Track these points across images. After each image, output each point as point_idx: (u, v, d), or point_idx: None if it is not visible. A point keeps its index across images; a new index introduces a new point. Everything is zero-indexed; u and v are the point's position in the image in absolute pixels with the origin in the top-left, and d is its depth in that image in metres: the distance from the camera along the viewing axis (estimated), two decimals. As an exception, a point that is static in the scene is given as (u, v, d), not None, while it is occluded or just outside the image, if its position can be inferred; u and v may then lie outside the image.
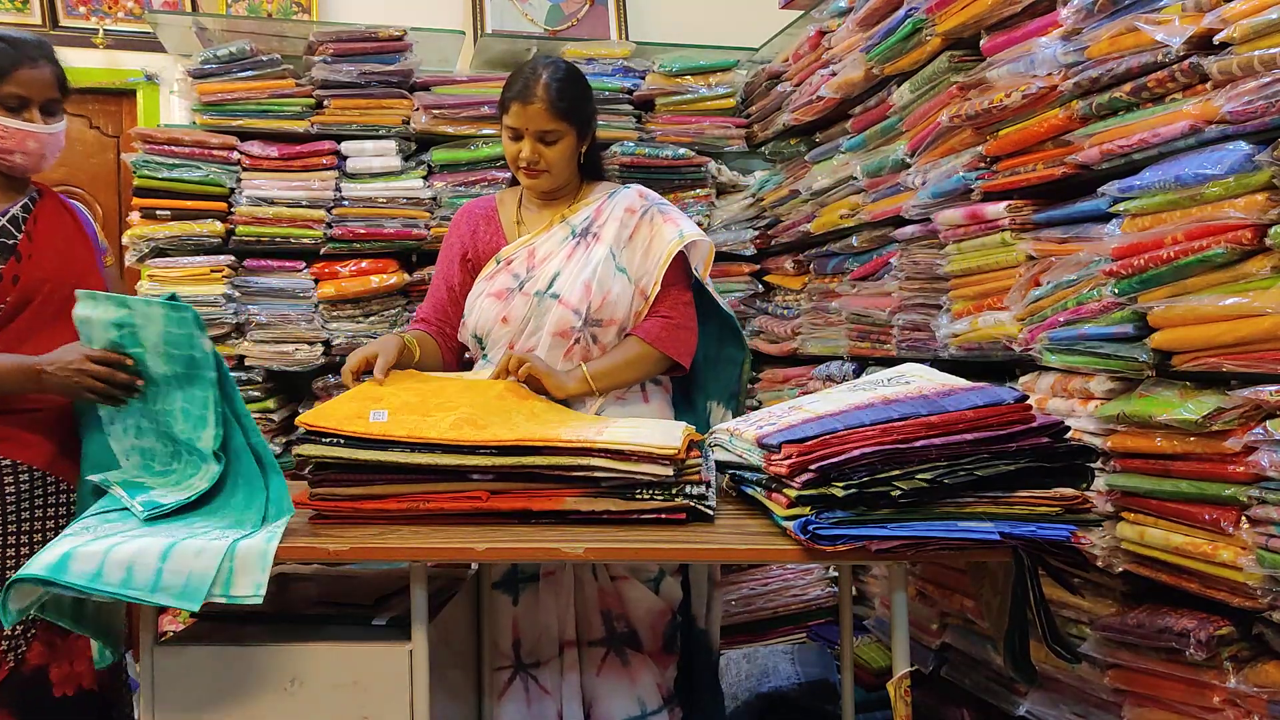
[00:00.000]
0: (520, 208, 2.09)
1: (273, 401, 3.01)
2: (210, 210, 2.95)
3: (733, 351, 2.10)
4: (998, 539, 1.32)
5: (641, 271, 1.96)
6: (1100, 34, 1.71)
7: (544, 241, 1.99)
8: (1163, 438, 1.61)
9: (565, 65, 1.96)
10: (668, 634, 1.88)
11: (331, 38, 3.03)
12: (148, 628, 1.48)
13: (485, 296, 1.99)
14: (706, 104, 3.33)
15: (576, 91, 1.95)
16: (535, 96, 1.89)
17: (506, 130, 1.95)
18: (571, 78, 1.95)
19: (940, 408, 1.39)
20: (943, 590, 2.29)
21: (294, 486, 1.57)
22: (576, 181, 2.06)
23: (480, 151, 3.11)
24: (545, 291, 1.93)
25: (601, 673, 1.85)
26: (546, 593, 1.86)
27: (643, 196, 2.02)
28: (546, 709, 1.84)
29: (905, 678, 1.39)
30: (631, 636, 1.87)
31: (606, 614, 1.87)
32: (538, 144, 1.92)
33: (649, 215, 1.99)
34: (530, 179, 1.97)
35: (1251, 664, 1.52)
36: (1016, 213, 2.01)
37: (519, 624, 1.87)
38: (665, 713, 1.86)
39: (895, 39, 2.36)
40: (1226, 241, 1.46)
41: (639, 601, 1.86)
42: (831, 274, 2.91)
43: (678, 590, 1.91)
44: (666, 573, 1.89)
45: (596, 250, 1.95)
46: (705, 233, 2.30)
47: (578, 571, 1.87)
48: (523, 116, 1.90)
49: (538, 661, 1.86)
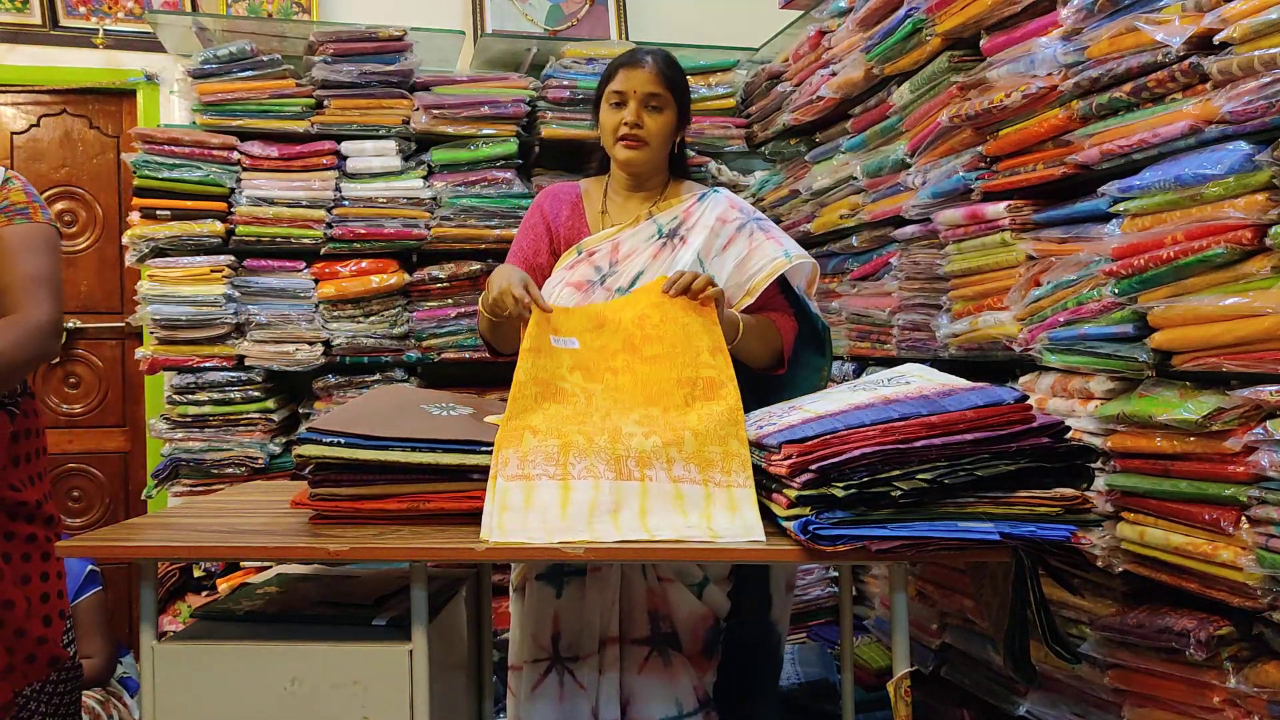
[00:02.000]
0: (605, 198, 2.04)
1: (273, 401, 3.01)
2: (210, 210, 2.95)
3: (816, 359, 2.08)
4: (998, 539, 1.32)
5: (731, 284, 1.90)
6: (1100, 34, 1.72)
7: (629, 237, 1.94)
8: (1163, 438, 1.61)
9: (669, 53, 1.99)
10: (708, 639, 1.87)
11: (331, 38, 3.03)
12: (148, 628, 1.48)
13: (564, 285, 1.92)
14: (706, 104, 3.33)
15: (681, 72, 1.97)
16: (645, 63, 1.90)
17: (610, 98, 1.92)
18: (676, 61, 1.98)
19: (940, 408, 1.38)
20: (943, 590, 2.29)
21: (294, 487, 1.57)
22: (665, 174, 2.02)
23: (480, 151, 3.11)
24: (627, 290, 1.88)
25: (643, 671, 1.83)
26: (592, 588, 1.83)
27: (736, 207, 1.97)
28: (580, 705, 1.81)
29: (905, 678, 1.39)
30: (674, 638, 1.85)
31: (654, 614, 1.85)
32: (642, 109, 1.90)
33: (747, 229, 1.94)
34: (630, 149, 1.91)
35: (1251, 664, 1.52)
36: (1016, 213, 2.01)
37: (560, 617, 1.84)
38: (701, 715, 1.85)
39: (895, 39, 2.36)
40: (1226, 241, 1.46)
41: (681, 605, 1.85)
42: (831, 274, 2.91)
43: (723, 599, 1.88)
44: (711, 580, 1.87)
45: (683, 254, 1.90)
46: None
47: (626, 570, 1.85)
48: (631, 79, 1.90)
49: (576, 656, 1.83)
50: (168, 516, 1.70)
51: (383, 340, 3.06)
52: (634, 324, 1.74)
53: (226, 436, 2.96)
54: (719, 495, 1.50)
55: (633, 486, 1.51)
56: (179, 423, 2.94)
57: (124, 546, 1.48)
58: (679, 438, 1.56)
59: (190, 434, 2.94)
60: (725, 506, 1.48)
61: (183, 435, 2.94)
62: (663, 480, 1.51)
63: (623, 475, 1.51)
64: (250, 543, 1.49)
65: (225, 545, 1.51)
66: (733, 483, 1.51)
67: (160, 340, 2.95)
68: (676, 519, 1.46)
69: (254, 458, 2.94)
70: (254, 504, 1.78)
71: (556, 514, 1.46)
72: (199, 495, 2.80)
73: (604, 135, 1.96)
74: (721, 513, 1.47)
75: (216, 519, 1.63)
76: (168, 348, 2.95)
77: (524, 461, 1.52)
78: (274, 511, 1.69)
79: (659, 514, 1.47)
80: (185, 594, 2.98)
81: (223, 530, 1.55)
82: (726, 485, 1.51)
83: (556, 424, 1.59)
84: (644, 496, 1.50)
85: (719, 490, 1.51)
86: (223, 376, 2.96)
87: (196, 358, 2.95)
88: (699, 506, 1.48)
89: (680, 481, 1.52)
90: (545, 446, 1.54)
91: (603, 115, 1.95)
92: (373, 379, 3.06)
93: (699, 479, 1.52)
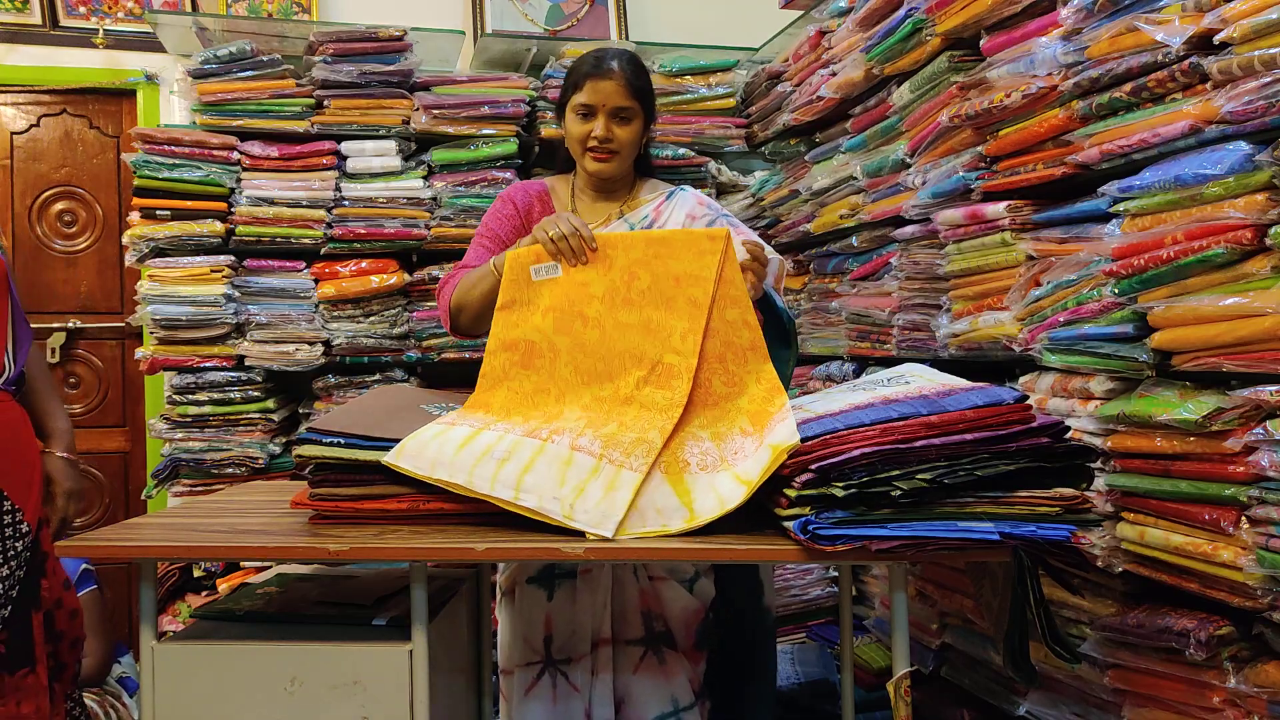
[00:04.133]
0: (574, 197, 2.03)
1: (273, 401, 3.01)
2: (210, 210, 2.95)
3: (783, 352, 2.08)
4: (998, 539, 1.31)
5: None
6: (1100, 34, 1.71)
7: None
8: (1163, 438, 1.61)
9: (633, 53, 1.96)
10: (700, 632, 1.88)
11: (331, 38, 3.03)
12: (148, 628, 1.48)
13: None
14: (706, 104, 3.33)
15: (647, 76, 1.95)
16: (612, 73, 1.87)
17: (576, 110, 1.91)
18: (641, 63, 1.96)
19: (940, 408, 1.38)
20: (943, 590, 2.29)
21: (294, 486, 1.57)
22: (632, 175, 2.03)
23: (480, 151, 3.11)
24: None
25: (639, 671, 1.84)
26: (584, 590, 1.84)
27: (704, 204, 1.98)
28: (573, 707, 1.82)
29: (905, 678, 1.39)
30: (668, 636, 1.86)
31: (647, 614, 1.86)
32: (611, 122, 1.89)
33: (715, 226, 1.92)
34: (599, 161, 1.91)
35: (1251, 664, 1.52)
36: (1016, 213, 2.01)
37: (553, 619, 1.84)
38: (696, 708, 1.86)
39: (895, 39, 2.36)
40: (1226, 241, 1.46)
41: (675, 601, 1.86)
42: (831, 274, 2.91)
43: (710, 589, 1.91)
44: (701, 573, 1.88)
45: None
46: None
47: (617, 571, 1.85)
48: (598, 93, 1.87)
49: (569, 658, 1.84)
50: (168, 516, 1.70)
51: (383, 340, 3.06)
52: (623, 274, 1.71)
53: (226, 436, 2.96)
54: (606, 471, 1.50)
55: (531, 443, 1.53)
56: (179, 423, 2.94)
57: (124, 546, 1.48)
58: (605, 424, 1.58)
59: (190, 434, 2.94)
60: (605, 484, 1.48)
61: (183, 435, 2.94)
62: (562, 446, 1.53)
63: (529, 434, 1.56)
64: (250, 543, 1.49)
65: (225, 545, 1.51)
66: (627, 464, 1.51)
67: (160, 340, 2.95)
68: (549, 484, 1.48)
69: (254, 458, 2.94)
70: (254, 504, 1.78)
71: (453, 449, 1.50)
72: (199, 495, 2.80)
73: (571, 143, 1.95)
74: (597, 488, 1.48)
75: (216, 519, 1.63)
76: (168, 348, 2.95)
77: (460, 417, 1.60)
78: (274, 511, 1.69)
79: (538, 473, 1.49)
80: (185, 594, 2.98)
81: (223, 530, 1.55)
82: (619, 464, 1.51)
83: (513, 404, 1.65)
84: (536, 454, 1.52)
85: (609, 466, 1.51)
86: (223, 376, 2.96)
87: (196, 358, 2.95)
88: (579, 477, 1.49)
89: (577, 450, 1.53)
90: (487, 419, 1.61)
91: (569, 123, 1.93)
92: (373, 379, 3.06)
93: (597, 452, 1.53)
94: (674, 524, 1.45)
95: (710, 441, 1.57)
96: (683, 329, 1.66)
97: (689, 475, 1.52)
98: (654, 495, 1.48)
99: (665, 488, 1.50)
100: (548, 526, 1.46)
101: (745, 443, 1.56)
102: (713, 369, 1.65)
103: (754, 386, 1.64)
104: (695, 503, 1.47)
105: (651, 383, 1.64)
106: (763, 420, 1.57)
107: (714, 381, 1.65)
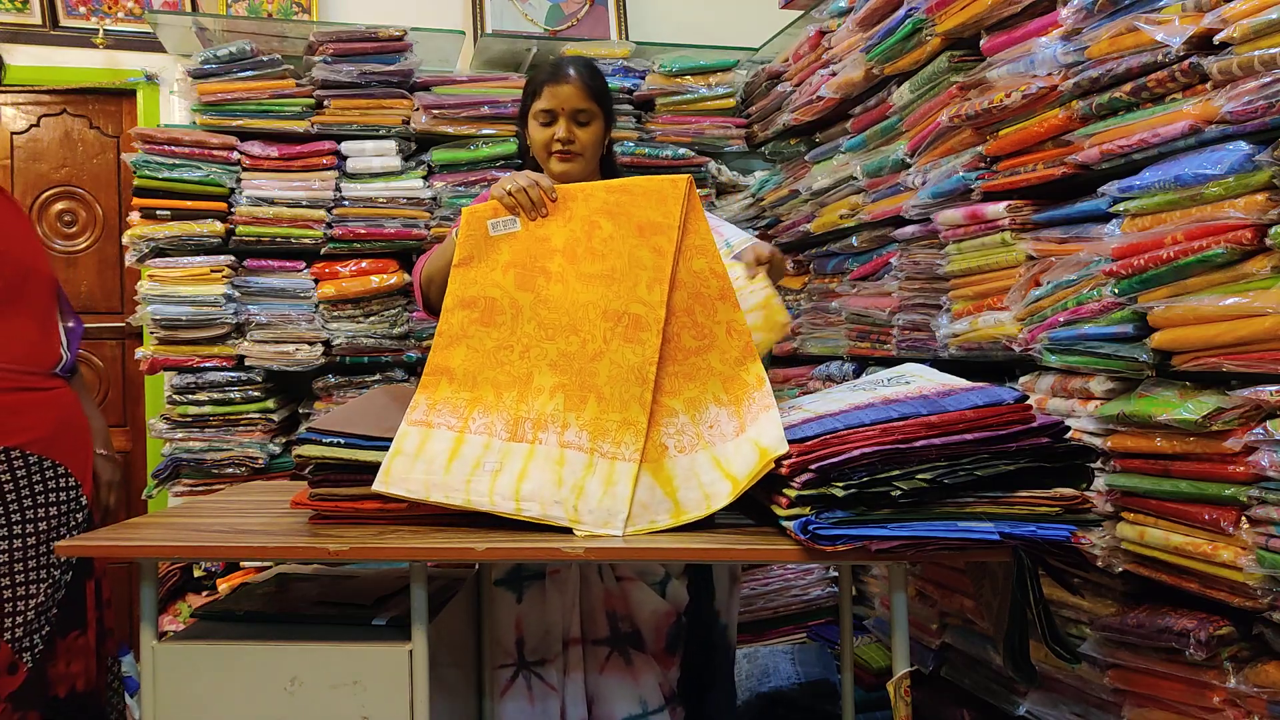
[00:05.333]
0: None
1: (273, 401, 3.01)
2: (210, 210, 2.95)
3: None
4: (998, 539, 1.32)
5: None
6: (1100, 34, 1.71)
7: None
8: (1162, 438, 1.61)
9: (589, 59, 2.01)
10: (671, 635, 1.88)
11: (331, 38, 3.03)
12: (148, 627, 1.48)
13: None
14: (706, 104, 3.33)
15: (603, 79, 2.00)
16: (569, 77, 1.93)
17: (537, 116, 1.95)
18: (597, 68, 2.01)
19: (940, 408, 1.38)
20: (943, 590, 2.29)
21: (294, 486, 1.57)
22: (598, 177, 2.04)
23: (480, 151, 3.11)
24: None
25: (605, 671, 1.86)
26: (552, 590, 1.86)
27: None
28: (550, 706, 1.84)
29: (905, 678, 1.39)
30: (635, 637, 1.87)
31: (612, 614, 1.87)
32: (572, 124, 1.93)
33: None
34: (564, 162, 1.94)
35: (1251, 664, 1.52)
36: (1016, 213, 2.01)
37: (523, 621, 1.86)
38: (667, 711, 1.86)
39: (895, 39, 2.36)
40: (1226, 241, 1.46)
41: (644, 604, 1.86)
42: (831, 274, 2.91)
43: (684, 593, 1.91)
44: (673, 575, 1.88)
45: None
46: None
47: (584, 571, 1.86)
48: (557, 97, 1.92)
49: (542, 659, 1.86)
50: (168, 516, 1.71)
51: (383, 340, 3.06)
52: (583, 224, 1.69)
53: (227, 436, 2.96)
54: (600, 466, 1.50)
55: (520, 449, 1.52)
56: (179, 423, 2.94)
57: (124, 546, 1.48)
58: (583, 399, 1.56)
59: (190, 434, 2.94)
60: (602, 480, 1.48)
61: (183, 435, 2.94)
62: (551, 445, 1.52)
63: (515, 437, 1.54)
64: (250, 543, 1.49)
65: (225, 545, 1.51)
66: (619, 455, 1.51)
67: (160, 340, 2.95)
68: (548, 489, 1.48)
69: (254, 458, 2.94)
70: (254, 504, 1.78)
71: (441, 466, 1.50)
72: (199, 495, 2.80)
73: (535, 149, 1.98)
74: (596, 486, 1.48)
75: (216, 519, 1.63)
76: (168, 348, 2.95)
77: (431, 409, 1.57)
78: (274, 511, 1.69)
79: (534, 479, 1.49)
80: (185, 594, 2.98)
81: (223, 530, 1.55)
82: (612, 457, 1.51)
83: (476, 365, 1.60)
84: (528, 459, 1.51)
85: (602, 461, 1.51)
86: (223, 376, 2.96)
87: (196, 358, 2.95)
88: (575, 476, 1.49)
89: (567, 447, 1.53)
90: (456, 399, 1.57)
91: (532, 131, 1.97)
92: (373, 379, 3.06)
93: (587, 447, 1.52)
94: (661, 519, 1.45)
95: (685, 415, 1.56)
96: (648, 279, 1.64)
97: (669, 460, 1.52)
98: (638, 489, 1.48)
99: (646, 479, 1.50)
100: (548, 525, 1.46)
101: (721, 415, 1.55)
102: (681, 323, 1.63)
103: (724, 339, 1.62)
104: (679, 493, 1.48)
105: (619, 335, 1.61)
106: (738, 391, 1.56)
107: (683, 336, 1.63)
